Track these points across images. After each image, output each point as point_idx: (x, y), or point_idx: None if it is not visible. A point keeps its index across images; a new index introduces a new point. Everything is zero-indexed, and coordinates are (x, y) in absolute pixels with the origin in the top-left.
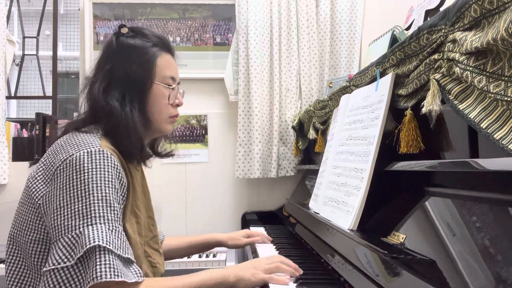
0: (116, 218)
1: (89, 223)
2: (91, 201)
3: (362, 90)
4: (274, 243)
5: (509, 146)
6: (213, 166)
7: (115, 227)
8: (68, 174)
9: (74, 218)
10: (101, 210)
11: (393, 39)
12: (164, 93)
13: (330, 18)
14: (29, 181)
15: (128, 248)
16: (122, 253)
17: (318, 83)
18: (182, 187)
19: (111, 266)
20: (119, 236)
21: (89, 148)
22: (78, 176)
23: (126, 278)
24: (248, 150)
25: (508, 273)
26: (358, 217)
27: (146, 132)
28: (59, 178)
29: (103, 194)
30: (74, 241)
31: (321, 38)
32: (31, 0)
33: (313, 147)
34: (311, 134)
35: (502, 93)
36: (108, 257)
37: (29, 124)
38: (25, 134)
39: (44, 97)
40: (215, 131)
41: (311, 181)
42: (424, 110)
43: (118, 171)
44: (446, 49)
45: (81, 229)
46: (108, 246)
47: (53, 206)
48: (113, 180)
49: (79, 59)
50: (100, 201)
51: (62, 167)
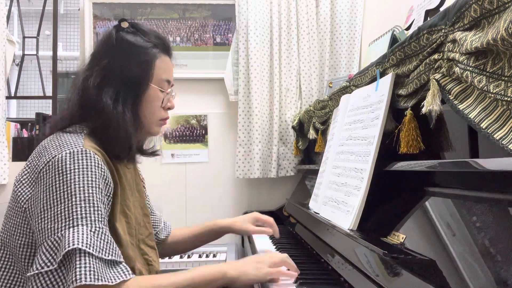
0: (100, 219)
1: (71, 225)
2: (73, 203)
3: (362, 90)
4: (274, 243)
5: (509, 146)
6: (213, 166)
7: (98, 228)
8: (51, 176)
9: (56, 220)
10: (83, 211)
11: (393, 39)
12: (159, 96)
13: (330, 18)
14: (15, 185)
15: (113, 249)
16: (104, 255)
17: (318, 83)
18: (182, 187)
19: (91, 269)
20: (102, 237)
21: (72, 148)
22: (61, 178)
23: (107, 281)
24: (248, 150)
25: (508, 273)
26: (358, 217)
27: (136, 133)
28: (42, 181)
29: (86, 194)
30: (57, 244)
31: (321, 38)
32: (31, 0)
33: (313, 147)
34: (311, 134)
35: (502, 93)
36: (88, 260)
37: (29, 124)
38: (25, 134)
39: (44, 97)
40: (215, 131)
41: (311, 181)
42: (424, 110)
43: (103, 170)
44: (446, 49)
45: (63, 231)
46: (88, 249)
47: (37, 209)
48: (96, 180)
49: (79, 59)
50: (82, 202)
51: (45, 169)
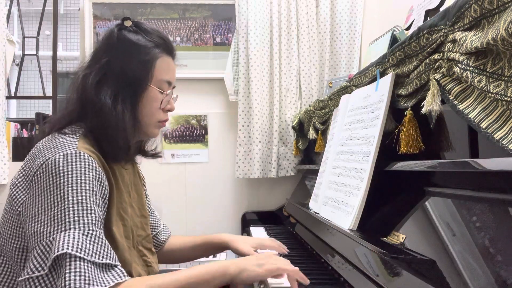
0: (93, 221)
1: (62, 228)
2: (66, 206)
3: (362, 90)
4: None
5: (509, 146)
6: (213, 166)
7: (91, 231)
8: (44, 179)
9: (48, 224)
10: (75, 214)
11: (393, 39)
12: (158, 97)
13: (330, 18)
14: (11, 188)
15: (107, 252)
16: (97, 258)
17: (318, 83)
18: (182, 187)
19: (81, 274)
20: (96, 240)
21: (65, 150)
22: (54, 181)
23: (98, 285)
24: (248, 150)
25: (508, 273)
26: (358, 217)
27: (134, 134)
28: (36, 184)
29: (79, 197)
30: (48, 249)
31: (321, 38)
32: (31, 0)
33: (313, 147)
34: (311, 134)
35: (502, 93)
36: (79, 265)
37: (29, 124)
38: (25, 134)
39: (44, 97)
40: (215, 131)
41: (311, 181)
42: (424, 110)
43: (97, 172)
44: (446, 49)
45: (54, 235)
46: (78, 253)
47: (31, 213)
48: (90, 182)
49: (79, 59)
50: (75, 205)
51: (38, 172)
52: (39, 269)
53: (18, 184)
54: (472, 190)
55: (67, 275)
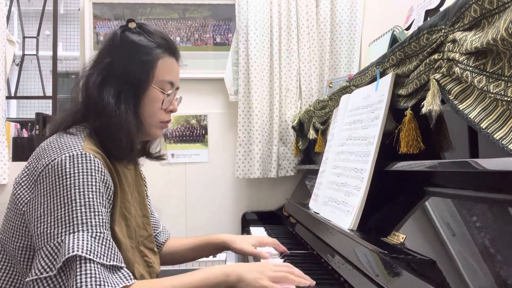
0: (101, 223)
1: (71, 230)
2: (73, 208)
3: (362, 90)
4: None
5: (509, 146)
6: (213, 166)
7: (99, 233)
8: (50, 180)
9: (56, 226)
10: (83, 216)
11: (393, 39)
12: (159, 97)
13: (330, 18)
14: (14, 188)
15: (114, 254)
16: (105, 260)
17: (318, 83)
18: (182, 187)
19: (92, 276)
20: (103, 242)
21: (71, 151)
22: (60, 182)
23: (111, 286)
24: (248, 150)
25: (508, 273)
26: (358, 217)
27: (137, 134)
28: (41, 185)
29: (86, 199)
30: (56, 250)
31: (321, 38)
32: (31, 0)
33: (313, 147)
34: (311, 134)
35: (502, 93)
36: (89, 267)
37: (29, 124)
38: (25, 134)
39: (44, 97)
40: (215, 131)
41: (311, 181)
42: (424, 110)
43: (103, 173)
44: (446, 49)
45: (63, 237)
46: (88, 255)
47: (36, 213)
48: (97, 183)
49: (79, 59)
50: (82, 207)
51: (44, 173)
52: (47, 270)
53: (22, 183)
54: (472, 190)
55: (78, 277)
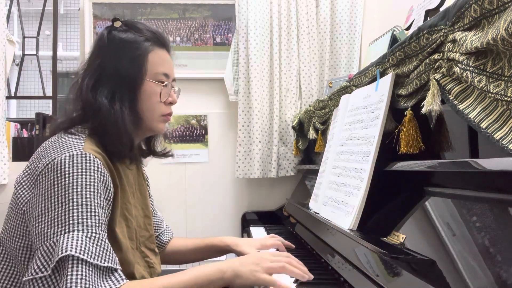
0: (97, 224)
1: (66, 230)
2: (70, 207)
3: (362, 90)
4: None
5: (509, 146)
6: (213, 166)
7: (94, 233)
8: (49, 179)
9: (52, 225)
10: (79, 216)
11: (393, 39)
12: (156, 91)
13: (330, 18)
14: (15, 187)
15: (109, 255)
16: (99, 261)
17: (318, 83)
18: (182, 187)
19: (82, 278)
20: (99, 243)
21: (71, 151)
22: (59, 181)
23: None
24: (248, 150)
25: (508, 273)
26: (358, 217)
27: (137, 131)
28: (41, 184)
29: (83, 199)
30: (52, 250)
31: (321, 38)
32: (31, 0)
33: (313, 147)
34: (311, 134)
35: (502, 93)
36: (81, 268)
37: (29, 124)
38: (25, 134)
39: (44, 97)
40: (215, 131)
41: (311, 181)
42: (424, 110)
43: (102, 174)
44: (446, 49)
45: (58, 237)
46: (82, 255)
47: (35, 213)
48: (95, 184)
49: (79, 59)
50: (79, 207)
51: (44, 172)
52: (42, 270)
53: (23, 183)
54: (472, 190)
55: (68, 277)
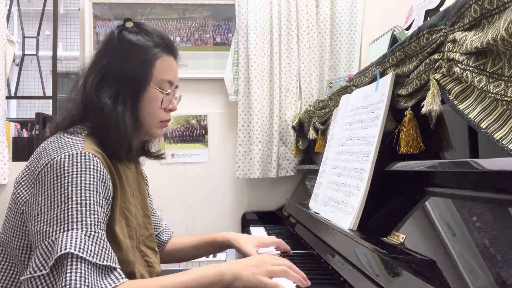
0: (96, 223)
1: (65, 228)
2: (69, 206)
3: (362, 90)
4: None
5: (509, 146)
6: (213, 166)
7: (94, 232)
8: (49, 178)
9: (52, 224)
10: (79, 215)
11: (393, 39)
12: (158, 97)
13: (330, 18)
14: (15, 187)
15: (108, 254)
16: (98, 260)
17: (318, 83)
18: (182, 187)
19: (81, 275)
20: (98, 242)
21: (71, 150)
22: (58, 181)
23: (99, 287)
24: (248, 150)
25: (508, 273)
26: (358, 217)
27: (136, 134)
28: (40, 183)
29: (83, 198)
30: (50, 248)
31: (321, 38)
32: (31, 0)
33: (313, 147)
34: (311, 134)
35: (502, 93)
36: (80, 266)
37: (29, 124)
38: (25, 134)
39: (44, 97)
40: (215, 131)
41: (311, 181)
42: (424, 110)
43: (102, 173)
44: (446, 49)
45: (57, 235)
46: (81, 253)
47: (34, 212)
48: (95, 183)
49: (79, 59)
50: (78, 205)
51: (43, 172)
52: (40, 268)
53: (22, 183)
54: (472, 190)
55: (67, 275)
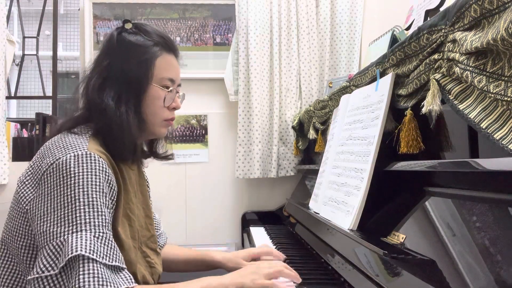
0: (103, 224)
1: (74, 230)
2: (77, 207)
3: (362, 90)
4: (274, 243)
5: (509, 146)
6: (213, 166)
7: (102, 233)
8: (54, 179)
9: (59, 224)
10: (87, 216)
11: (393, 39)
12: (160, 95)
13: (330, 18)
14: (18, 186)
15: (116, 255)
16: (108, 261)
17: (318, 83)
18: (182, 187)
19: (95, 276)
20: (106, 243)
21: (76, 151)
22: (64, 181)
23: (114, 286)
24: (248, 150)
25: (508, 273)
26: (358, 217)
27: (140, 134)
28: (45, 183)
29: (90, 199)
30: (59, 249)
31: (321, 38)
32: (31, 0)
33: (313, 147)
34: (311, 134)
35: (502, 93)
36: (92, 266)
37: (29, 124)
38: (25, 134)
39: (44, 97)
40: (215, 131)
41: (311, 181)
42: (424, 110)
43: (107, 174)
44: (446, 49)
45: (66, 236)
46: (91, 255)
47: (40, 212)
48: (101, 184)
49: (79, 59)
50: (86, 207)
51: (48, 172)
52: (49, 268)
53: (26, 182)
54: (472, 190)
55: (81, 276)
